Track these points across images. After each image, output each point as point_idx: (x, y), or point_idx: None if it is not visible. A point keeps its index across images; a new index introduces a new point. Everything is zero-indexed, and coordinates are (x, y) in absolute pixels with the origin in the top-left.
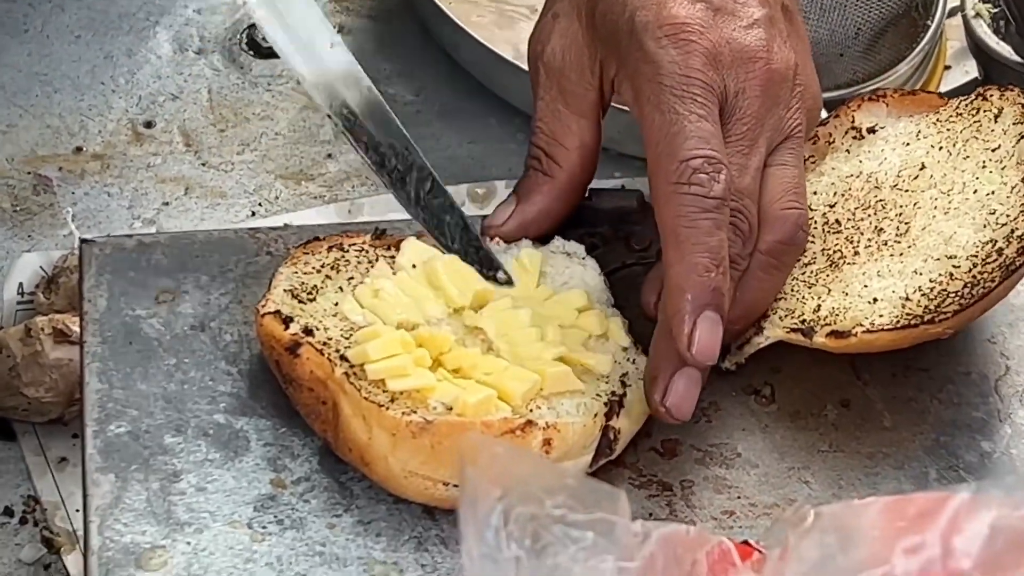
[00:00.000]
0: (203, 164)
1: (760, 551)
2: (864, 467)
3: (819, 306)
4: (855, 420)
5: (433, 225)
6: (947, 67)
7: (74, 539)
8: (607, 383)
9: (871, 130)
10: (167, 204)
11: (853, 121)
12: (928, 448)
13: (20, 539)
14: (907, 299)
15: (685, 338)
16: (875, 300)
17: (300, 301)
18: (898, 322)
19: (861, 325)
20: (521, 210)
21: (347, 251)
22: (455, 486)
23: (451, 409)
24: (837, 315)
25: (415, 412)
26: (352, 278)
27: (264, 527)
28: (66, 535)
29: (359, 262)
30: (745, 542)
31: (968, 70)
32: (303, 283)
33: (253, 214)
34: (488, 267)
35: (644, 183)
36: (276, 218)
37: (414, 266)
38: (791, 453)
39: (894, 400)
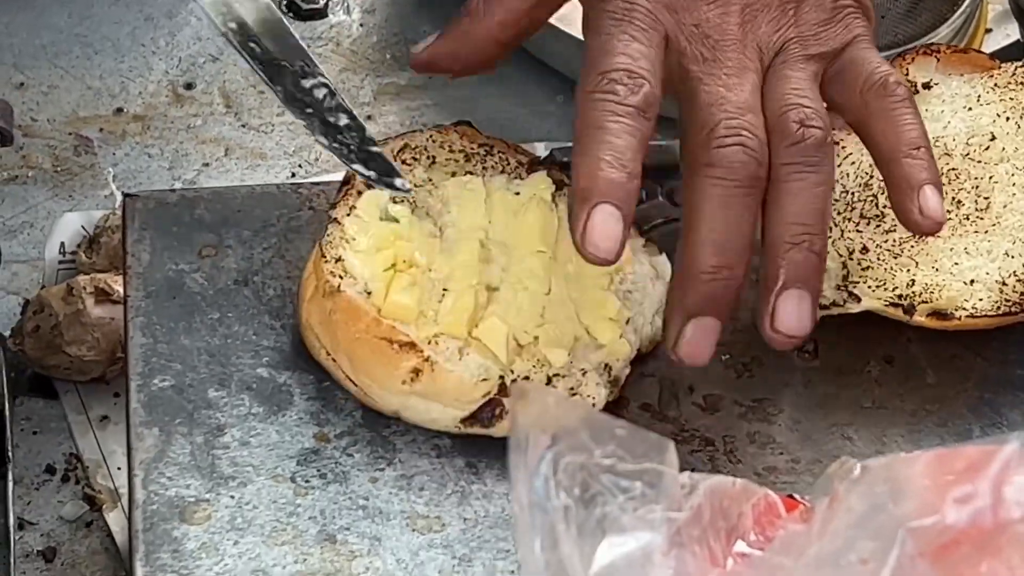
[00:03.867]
0: (243, 125)
1: (805, 504)
2: (907, 424)
3: (912, 281)
4: (898, 377)
5: (329, 135)
6: (988, 30)
7: (115, 496)
8: (537, 366)
9: (926, 86)
10: (207, 165)
11: (907, 74)
12: (972, 406)
13: (62, 496)
14: (1003, 284)
15: (580, 231)
16: (971, 282)
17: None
18: (999, 308)
19: (963, 309)
20: (436, 44)
21: None
22: (334, 360)
23: (369, 294)
24: (932, 292)
25: (341, 279)
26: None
27: (307, 481)
28: (107, 492)
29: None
30: (790, 496)
31: (1009, 33)
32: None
33: (293, 175)
34: (385, 174)
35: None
36: (316, 179)
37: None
38: (834, 409)
39: (938, 357)
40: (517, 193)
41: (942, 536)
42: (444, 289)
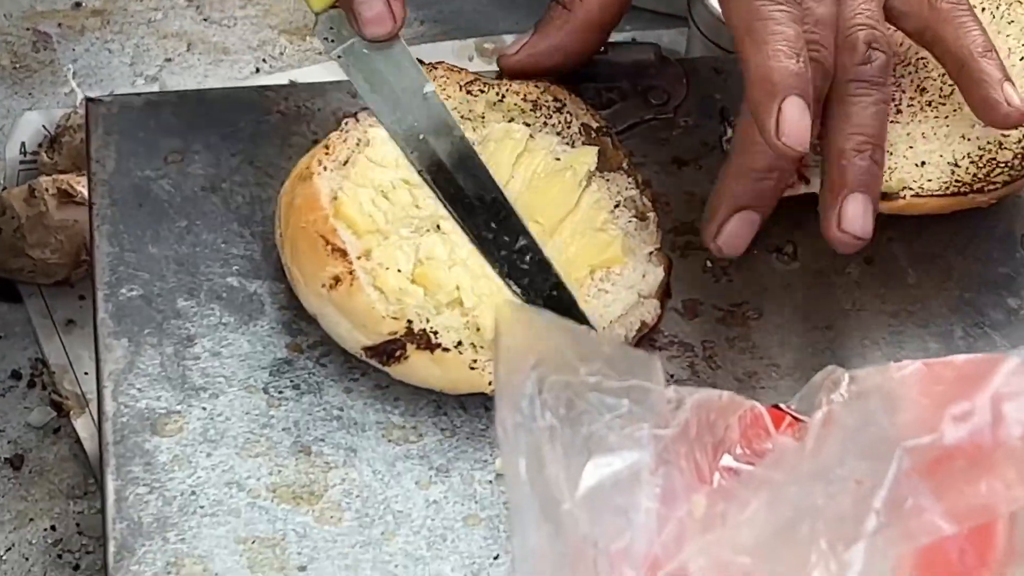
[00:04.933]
0: (205, 19)
1: (793, 415)
2: (888, 326)
3: None
4: (879, 277)
5: (523, 285)
6: None
7: (83, 402)
8: (463, 328)
9: None
10: (169, 60)
11: None
12: (953, 306)
13: (28, 402)
14: (956, 165)
15: (772, 125)
16: (922, 163)
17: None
18: (947, 189)
19: (909, 188)
20: (533, 42)
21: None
22: (281, 245)
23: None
24: (884, 176)
25: (325, 170)
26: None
27: (280, 392)
28: (75, 398)
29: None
30: (776, 406)
31: None
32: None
33: (257, 70)
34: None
35: (657, 36)
36: (281, 75)
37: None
38: (813, 312)
39: (918, 257)
40: (558, 159)
41: (938, 452)
42: (415, 226)
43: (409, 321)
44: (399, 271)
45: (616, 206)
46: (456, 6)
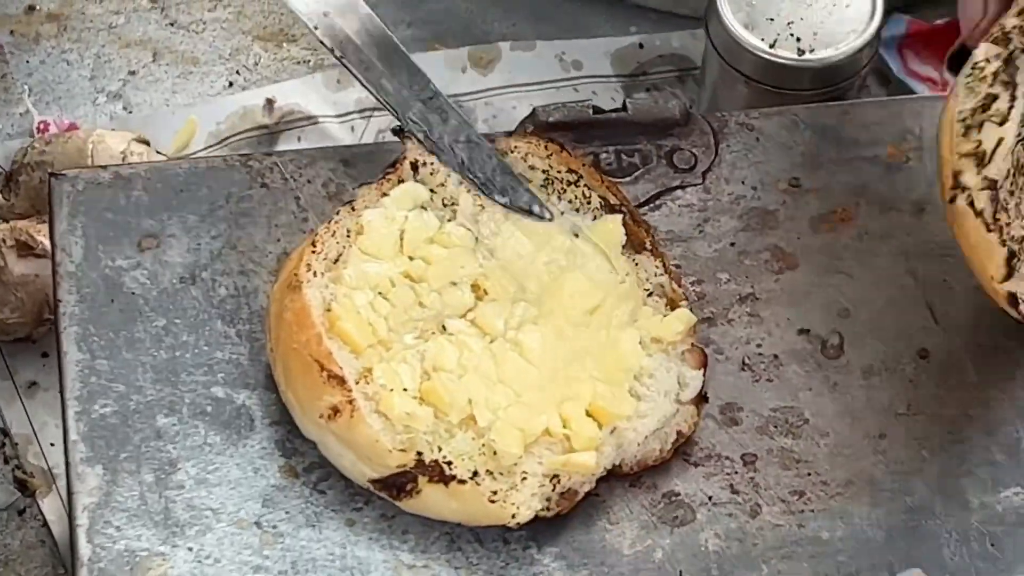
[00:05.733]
0: (171, 23)
1: None
2: (949, 434)
3: None
4: (935, 375)
5: (456, 163)
6: None
7: (50, 479)
8: (475, 452)
9: None
10: (133, 73)
11: None
12: (1021, 408)
13: None
14: None
15: None
16: None
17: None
18: None
19: None
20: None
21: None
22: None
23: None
24: None
25: (314, 276)
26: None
27: (275, 526)
28: (41, 475)
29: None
30: None
31: None
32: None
33: (231, 84)
34: (523, 202)
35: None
36: (257, 90)
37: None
38: (864, 417)
39: (979, 349)
40: (576, 235)
41: None
42: (420, 329)
43: (419, 452)
44: (404, 390)
45: (649, 294)
46: (447, 5)
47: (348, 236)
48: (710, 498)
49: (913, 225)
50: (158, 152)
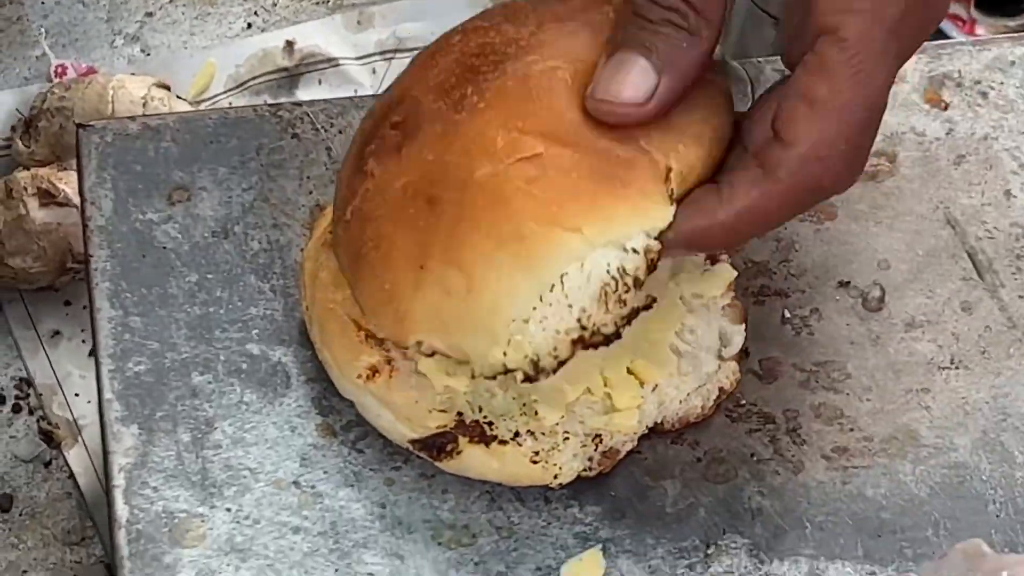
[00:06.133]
0: None
1: None
2: (992, 388)
3: None
4: (978, 327)
5: None
6: None
7: (75, 430)
8: (515, 412)
9: None
10: (150, 15)
11: None
12: None
13: (15, 431)
14: None
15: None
16: None
17: None
18: None
19: None
20: (670, 86)
21: None
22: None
23: None
24: None
25: None
26: None
27: (313, 486)
28: (66, 425)
29: None
30: None
31: None
32: None
33: (249, 26)
34: None
35: None
36: (277, 31)
37: None
38: (907, 371)
39: (1021, 300)
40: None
41: None
42: None
43: (459, 413)
44: None
45: None
46: None
47: None
48: (752, 455)
49: (953, 173)
50: (179, 97)
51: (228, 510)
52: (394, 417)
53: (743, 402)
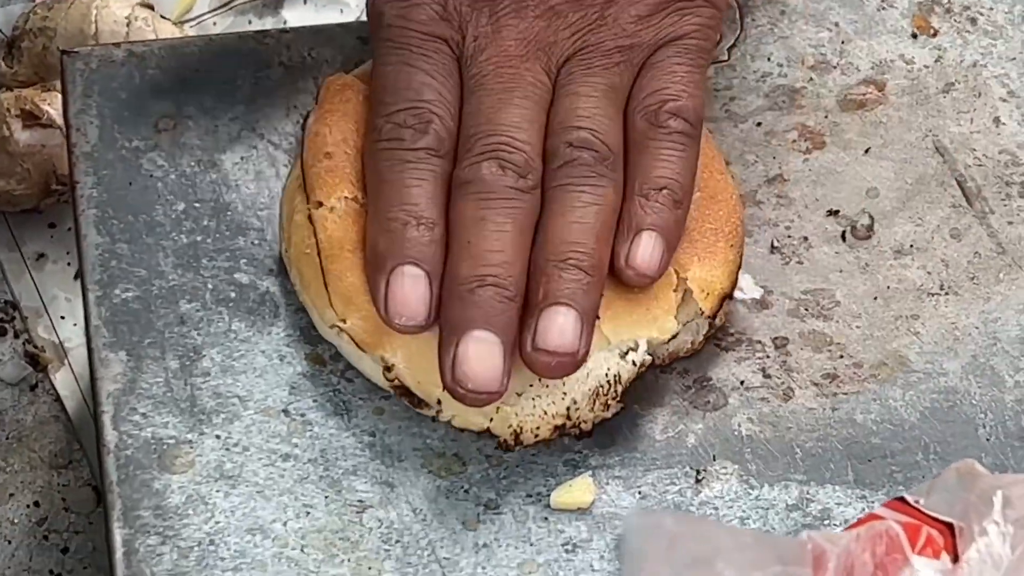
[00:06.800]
0: None
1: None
2: (982, 313)
3: None
4: (967, 254)
5: None
6: None
7: (61, 353)
8: None
9: None
10: None
11: None
12: None
13: (0, 354)
14: None
15: (382, 299)
16: None
17: None
18: None
19: None
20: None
21: None
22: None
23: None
24: None
25: None
26: None
27: (303, 414)
28: (51, 348)
29: None
30: (903, 500)
31: None
32: None
33: None
34: None
35: None
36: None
37: None
38: (896, 298)
39: (1010, 227)
40: None
41: None
42: None
43: None
44: None
45: None
46: None
47: None
48: (742, 383)
49: (942, 101)
50: (163, 17)
51: (217, 437)
52: (374, 362)
53: (732, 331)
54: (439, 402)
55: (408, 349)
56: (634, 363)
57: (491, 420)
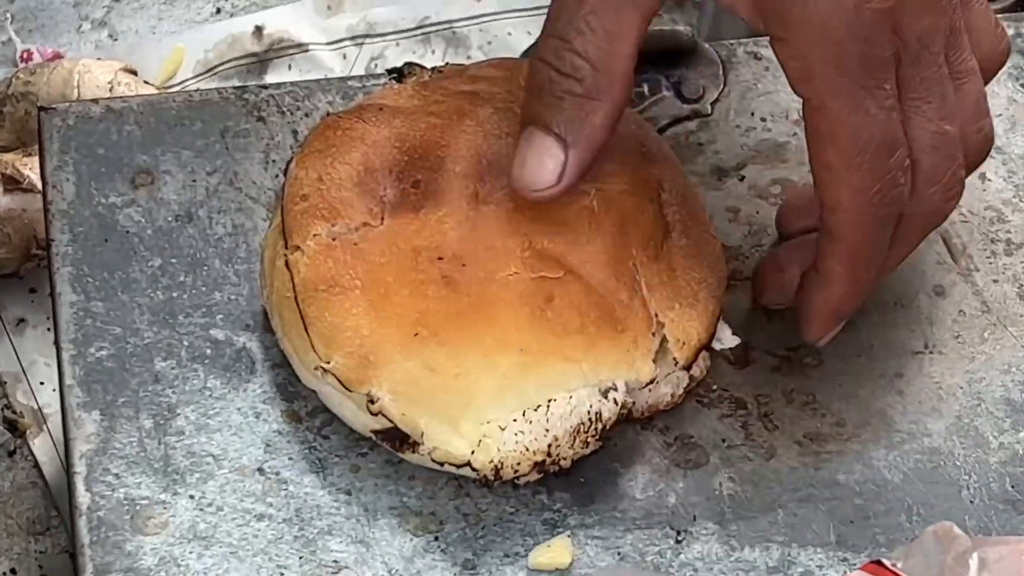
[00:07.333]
0: None
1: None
2: (967, 373)
3: None
4: (951, 312)
5: None
6: None
7: (40, 419)
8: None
9: None
10: (118, 0)
11: None
12: None
13: None
14: None
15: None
16: None
17: None
18: None
19: None
20: (577, 158)
21: None
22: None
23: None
24: None
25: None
26: None
27: (278, 473)
28: (30, 414)
29: None
30: (880, 563)
31: None
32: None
33: (218, 11)
34: None
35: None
36: (247, 16)
37: None
38: (880, 356)
39: (994, 285)
40: None
41: None
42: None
43: None
44: None
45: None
46: None
47: None
48: (724, 440)
49: None
50: (146, 82)
51: (191, 497)
52: (355, 406)
53: (714, 387)
54: (422, 435)
55: (394, 381)
56: (615, 402)
57: (472, 452)
